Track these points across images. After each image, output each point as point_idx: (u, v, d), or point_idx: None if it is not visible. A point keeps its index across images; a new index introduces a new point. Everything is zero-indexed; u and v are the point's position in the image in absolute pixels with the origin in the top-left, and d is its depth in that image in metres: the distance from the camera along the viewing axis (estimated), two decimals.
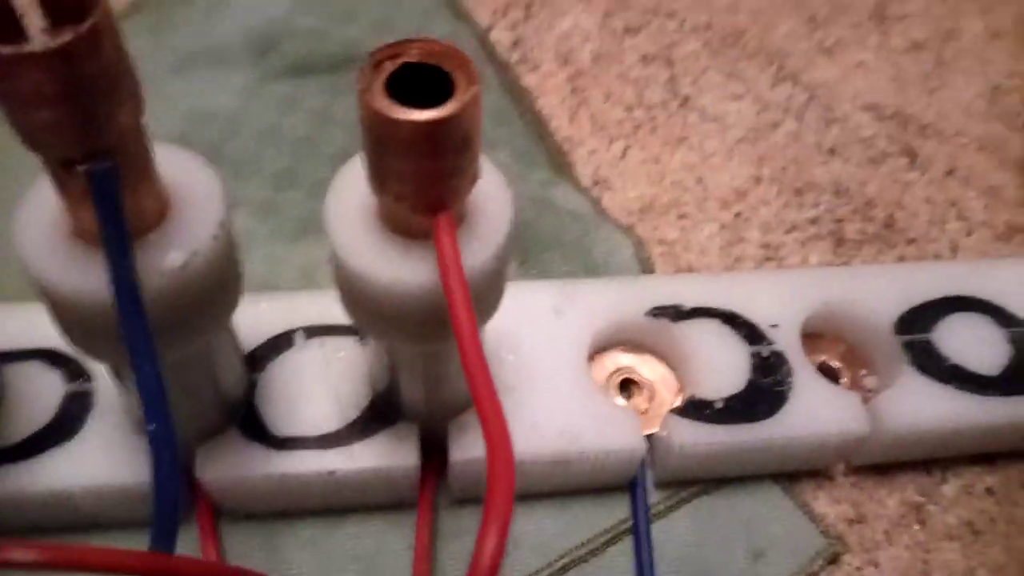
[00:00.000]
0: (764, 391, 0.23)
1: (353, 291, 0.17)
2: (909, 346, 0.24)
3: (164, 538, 0.15)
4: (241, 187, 0.28)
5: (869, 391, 0.24)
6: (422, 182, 0.15)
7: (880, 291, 0.25)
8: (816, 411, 0.23)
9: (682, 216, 0.30)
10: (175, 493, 0.15)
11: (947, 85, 0.36)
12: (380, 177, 0.15)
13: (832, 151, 0.33)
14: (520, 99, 0.32)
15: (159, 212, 0.16)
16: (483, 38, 0.34)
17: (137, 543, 0.14)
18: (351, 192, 0.17)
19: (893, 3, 0.39)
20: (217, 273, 0.16)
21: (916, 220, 0.31)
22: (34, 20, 0.13)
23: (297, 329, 0.22)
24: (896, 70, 0.36)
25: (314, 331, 0.22)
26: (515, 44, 0.35)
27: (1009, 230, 0.31)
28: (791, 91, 0.35)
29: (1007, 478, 0.25)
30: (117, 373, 0.19)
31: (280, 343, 0.22)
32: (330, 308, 0.22)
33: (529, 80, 0.34)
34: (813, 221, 0.31)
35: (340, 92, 0.31)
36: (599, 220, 0.29)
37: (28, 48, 0.12)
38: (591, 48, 0.35)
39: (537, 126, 0.32)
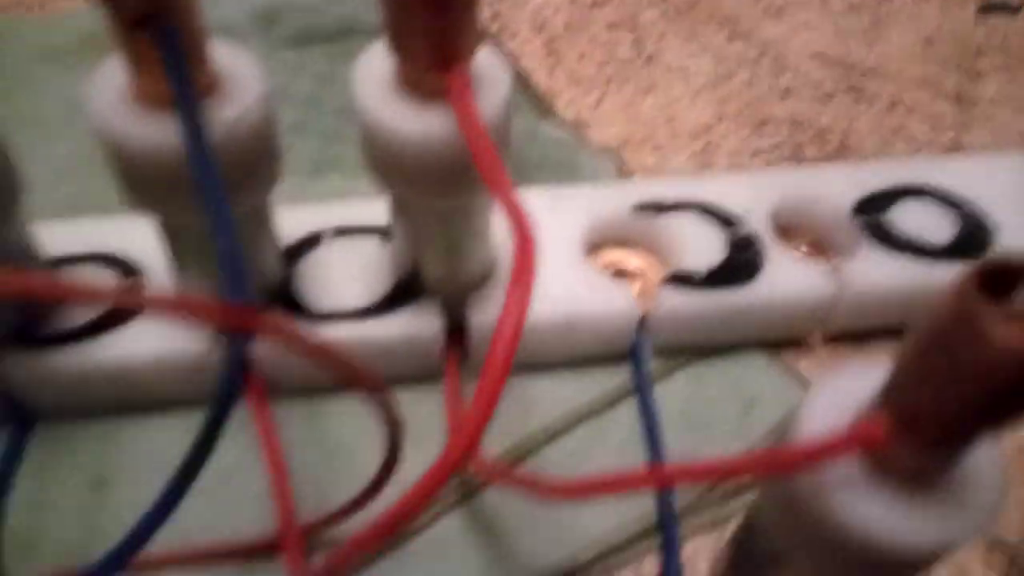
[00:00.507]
0: (740, 263, 0.26)
1: (377, 148, 0.20)
2: (866, 226, 0.27)
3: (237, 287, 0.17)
4: None
5: (834, 265, 0.27)
6: (434, 37, 0.18)
7: (838, 183, 0.28)
8: (787, 276, 0.25)
9: (657, 147, 0.34)
10: (246, 293, 0.17)
11: (883, 38, 0.40)
12: (397, 36, 0.18)
13: (786, 92, 0.37)
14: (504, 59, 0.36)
15: (212, 84, 0.19)
16: None
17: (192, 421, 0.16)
18: (374, 65, 0.20)
19: None
20: (263, 134, 0.19)
21: (867, 142, 0.35)
22: None
23: (325, 230, 0.25)
24: (837, 27, 0.40)
25: (340, 231, 0.25)
26: (494, 17, 0.39)
27: (952, 147, 0.35)
28: (744, 47, 0.39)
29: None
30: (172, 244, 0.21)
31: (311, 241, 0.25)
32: (351, 214, 0.25)
33: (509, 46, 0.37)
34: (774, 147, 0.34)
35: (339, 58, 0.35)
36: (583, 146, 0.32)
37: None
38: (562, 19, 0.39)
39: (519, 81, 0.35)
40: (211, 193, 0.17)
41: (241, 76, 0.19)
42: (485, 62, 0.20)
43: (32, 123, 0.31)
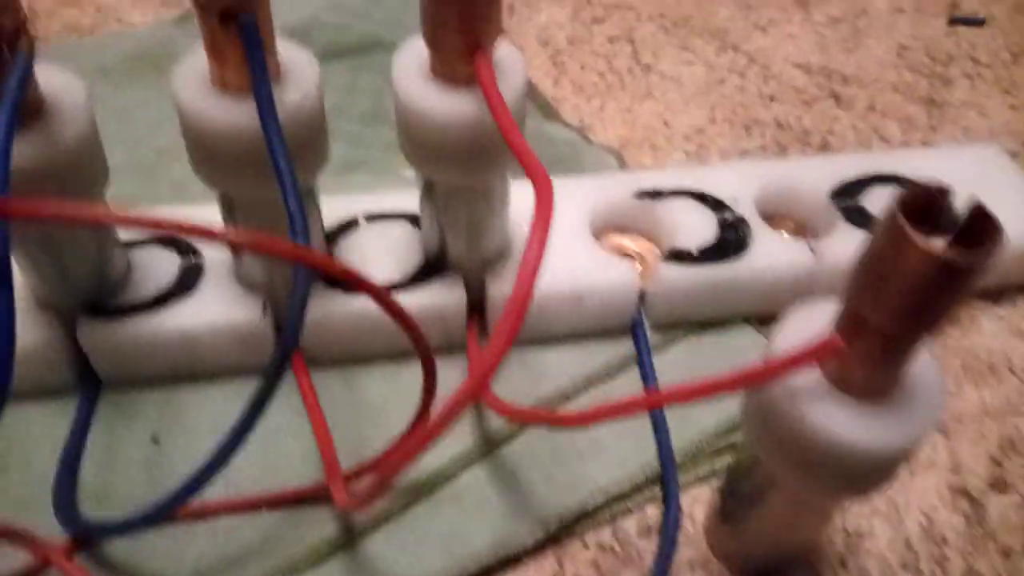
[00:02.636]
0: (729, 241, 0.29)
1: (413, 130, 0.23)
2: (843, 210, 0.30)
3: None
4: None
5: (815, 245, 0.30)
6: (464, 27, 0.21)
7: (816, 172, 0.31)
8: (772, 252, 0.28)
9: (654, 148, 0.37)
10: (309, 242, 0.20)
11: (862, 47, 0.43)
12: (432, 28, 0.21)
13: (772, 98, 0.40)
14: None
15: (277, 72, 0.22)
16: None
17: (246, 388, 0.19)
18: (410, 59, 0.23)
19: None
20: (318, 118, 0.22)
21: (846, 142, 0.38)
22: None
23: (359, 215, 0.28)
24: (819, 38, 0.44)
25: (372, 217, 0.28)
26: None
27: (924, 146, 0.38)
28: (733, 57, 0.42)
29: None
30: (233, 213, 0.24)
31: (347, 226, 0.28)
32: (382, 202, 0.29)
33: None
34: (762, 147, 0.37)
35: (362, 70, 0.38)
36: (588, 145, 0.35)
37: None
38: (565, 34, 0.43)
39: (530, 90, 0.38)
40: (281, 162, 0.20)
41: (301, 66, 0.23)
42: (504, 53, 0.23)
43: None
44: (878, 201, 0.31)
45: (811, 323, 0.19)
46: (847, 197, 0.31)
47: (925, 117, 0.40)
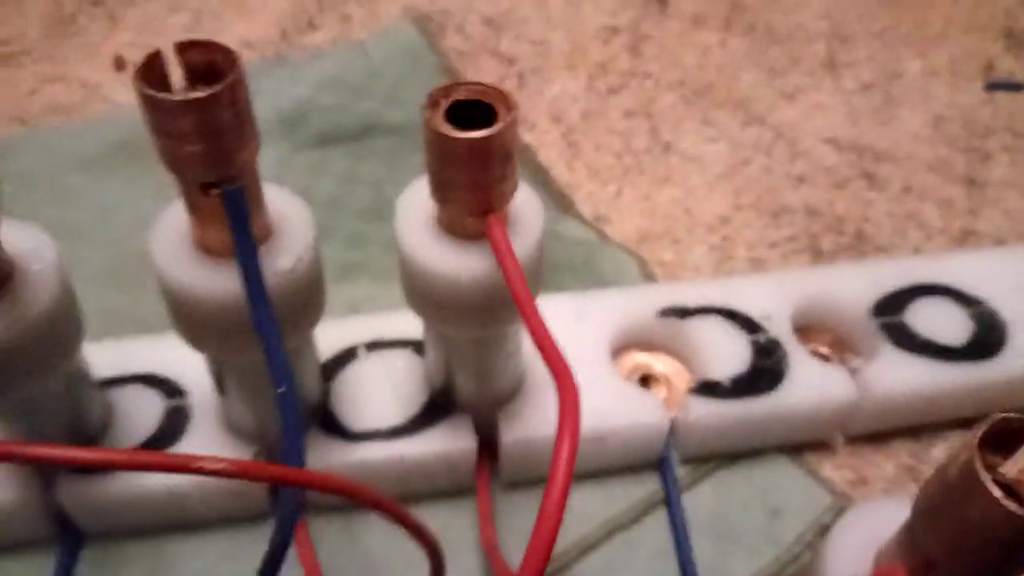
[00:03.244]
0: (764, 370, 0.26)
1: (418, 286, 0.21)
2: (885, 327, 0.28)
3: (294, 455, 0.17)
4: None
5: (855, 368, 0.28)
6: (476, 189, 0.19)
7: (855, 283, 0.29)
8: (810, 383, 0.26)
9: (675, 241, 0.34)
10: (300, 438, 0.18)
11: (896, 117, 0.41)
12: (442, 189, 0.19)
13: (800, 179, 0.37)
14: (521, 153, 0.37)
15: (267, 231, 0.20)
16: None
17: (249, 537, 0.17)
18: (414, 207, 0.21)
19: (841, 52, 0.44)
20: (313, 278, 0.20)
21: (881, 231, 0.35)
22: (175, 77, 0.17)
23: (359, 344, 0.26)
24: (850, 108, 0.41)
25: (373, 346, 0.26)
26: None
27: (963, 234, 0.36)
28: (759, 131, 0.40)
29: None
30: (219, 375, 0.22)
31: (346, 357, 0.26)
32: (384, 327, 0.26)
33: (527, 138, 0.38)
34: (791, 238, 0.35)
35: (362, 156, 0.36)
36: (604, 245, 0.33)
37: (181, 97, 0.16)
38: (579, 108, 0.40)
39: (539, 174, 0.36)
40: (270, 342, 0.18)
41: (294, 220, 0.20)
42: (522, 203, 0.21)
43: (67, 234, 0.31)
44: (923, 317, 0.28)
45: (869, 535, 0.17)
46: (890, 312, 0.28)
47: (965, 199, 0.37)
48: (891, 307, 0.28)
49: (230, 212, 0.18)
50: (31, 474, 0.23)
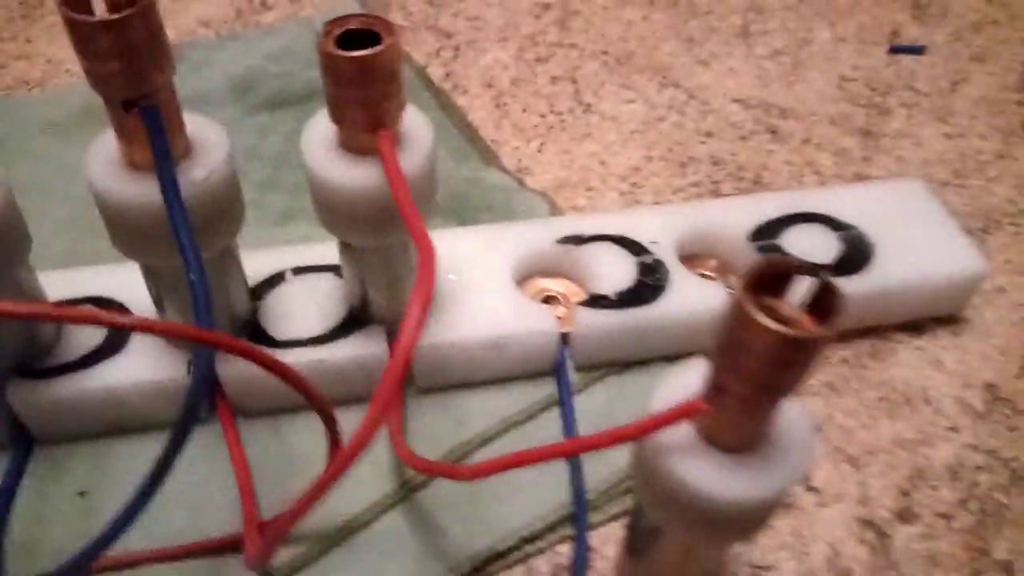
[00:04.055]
0: (647, 286, 0.30)
1: (322, 199, 0.24)
2: (760, 249, 0.31)
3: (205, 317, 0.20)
4: None
5: (732, 285, 0.31)
6: (365, 106, 0.22)
7: (737, 214, 0.32)
8: (688, 296, 0.29)
9: (589, 189, 0.38)
10: (209, 304, 0.21)
11: (802, 79, 0.44)
12: (337, 108, 0.22)
13: (709, 134, 0.41)
14: (453, 114, 0.40)
15: (186, 150, 0.23)
16: (421, 72, 0.43)
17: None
18: (319, 131, 0.24)
19: (756, 23, 0.48)
20: (227, 190, 0.23)
21: (779, 177, 0.39)
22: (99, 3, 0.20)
23: (287, 269, 0.29)
24: (760, 71, 0.45)
25: (299, 270, 0.29)
26: (447, 76, 0.43)
27: (856, 179, 0.39)
28: (674, 93, 0.43)
29: (857, 352, 0.32)
30: (156, 292, 0.25)
31: (275, 280, 0.29)
32: (310, 256, 0.30)
33: (460, 101, 0.42)
34: (695, 184, 0.38)
35: (306, 119, 0.39)
36: (521, 190, 0.36)
37: (99, 18, 0.19)
38: (509, 75, 0.44)
39: (468, 132, 0.39)
40: (184, 241, 0.21)
41: (210, 141, 0.24)
42: (412, 122, 0.24)
43: (34, 189, 0.35)
44: (796, 241, 0.32)
45: (690, 382, 0.20)
46: (766, 237, 0.32)
47: (859, 149, 0.41)
48: (768, 233, 0.32)
49: (148, 126, 0.21)
50: None
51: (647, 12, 0.48)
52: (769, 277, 0.17)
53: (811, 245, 0.31)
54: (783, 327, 0.16)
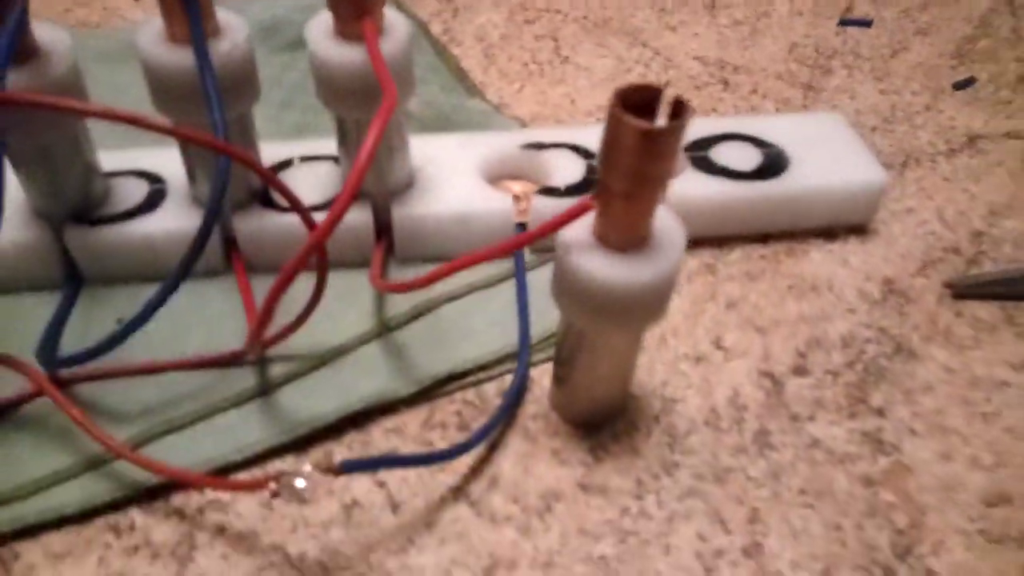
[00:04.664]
0: (591, 181, 0.35)
1: (321, 76, 0.30)
2: (692, 159, 0.37)
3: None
4: (259, 109, 0.41)
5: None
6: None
7: None
8: None
9: (558, 122, 0.44)
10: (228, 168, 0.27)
11: (757, 44, 0.50)
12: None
13: (668, 83, 0.47)
14: (447, 59, 0.47)
15: (214, 30, 0.29)
16: (423, 26, 0.49)
17: (207, 288, 0.27)
18: (321, 25, 0.30)
19: None
20: (245, 64, 0.30)
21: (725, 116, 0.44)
22: None
23: (295, 157, 0.35)
24: (720, 37, 0.51)
25: (306, 159, 0.36)
26: (445, 31, 0.50)
27: None
28: (642, 51, 0.49)
29: (775, 251, 0.38)
30: (191, 166, 0.31)
31: (286, 164, 0.35)
32: (315, 148, 0.36)
33: (455, 50, 0.48)
34: None
35: None
36: (498, 115, 0.42)
37: None
38: (499, 32, 0.50)
39: (459, 74, 0.46)
40: (212, 93, 0.28)
41: (233, 27, 0.30)
42: (393, 20, 0.30)
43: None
44: (724, 152, 0.37)
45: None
46: (698, 149, 0.37)
47: (801, 99, 0.46)
48: (700, 147, 0.37)
49: (187, 4, 0.27)
50: (45, 224, 0.32)
51: None
52: (640, 102, 0.23)
53: (736, 157, 0.37)
54: (643, 122, 0.22)
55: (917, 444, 0.31)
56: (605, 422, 0.30)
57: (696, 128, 0.38)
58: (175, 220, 0.33)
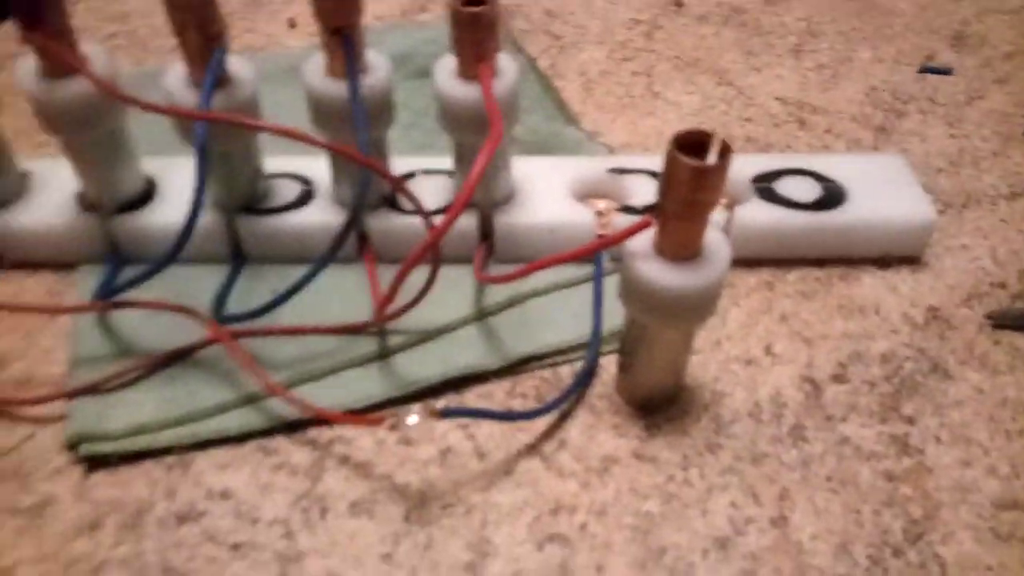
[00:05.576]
0: None
1: (442, 107, 0.37)
2: (758, 190, 0.42)
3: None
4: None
5: (733, 210, 0.42)
6: (470, 45, 0.35)
7: (746, 165, 0.43)
8: None
9: (646, 150, 0.50)
10: (369, 178, 0.34)
11: (838, 87, 0.55)
12: (456, 44, 0.35)
13: (748, 120, 0.52)
14: (550, 92, 0.53)
15: (364, 67, 0.37)
16: (531, 62, 0.56)
17: (348, 271, 0.34)
18: (446, 66, 0.37)
19: (809, 44, 0.59)
20: (385, 96, 0.37)
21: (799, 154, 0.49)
22: None
23: (417, 171, 0.43)
24: (802, 79, 0.56)
25: (427, 172, 0.43)
26: (551, 66, 0.56)
27: None
28: (726, 90, 0.54)
29: (829, 274, 0.42)
30: (336, 171, 0.39)
31: (410, 175, 0.43)
32: (433, 164, 0.43)
33: (558, 82, 0.55)
34: None
35: None
36: (591, 142, 0.49)
37: None
38: (599, 68, 0.56)
39: (559, 104, 0.52)
40: (359, 118, 0.35)
41: (379, 65, 0.37)
42: (505, 63, 0.37)
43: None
44: (786, 185, 0.42)
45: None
46: (764, 181, 0.43)
47: (871, 140, 0.51)
48: (766, 179, 0.43)
49: (345, 47, 0.35)
50: (221, 214, 0.40)
51: (719, 29, 0.60)
52: (693, 144, 0.29)
53: (797, 189, 0.42)
54: (693, 160, 0.28)
55: (940, 450, 0.35)
56: (660, 406, 0.36)
57: (763, 162, 0.44)
58: (321, 215, 0.40)
